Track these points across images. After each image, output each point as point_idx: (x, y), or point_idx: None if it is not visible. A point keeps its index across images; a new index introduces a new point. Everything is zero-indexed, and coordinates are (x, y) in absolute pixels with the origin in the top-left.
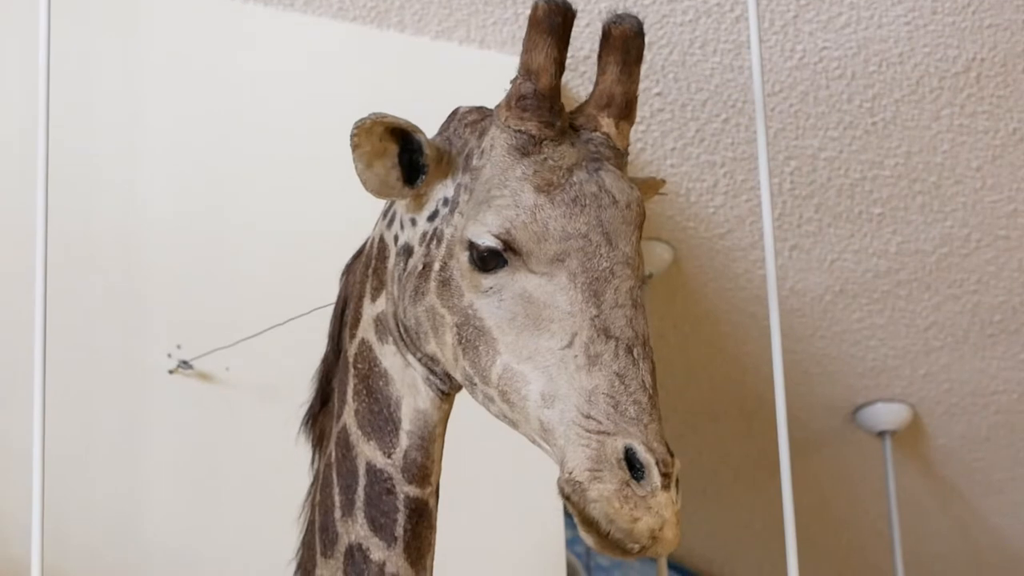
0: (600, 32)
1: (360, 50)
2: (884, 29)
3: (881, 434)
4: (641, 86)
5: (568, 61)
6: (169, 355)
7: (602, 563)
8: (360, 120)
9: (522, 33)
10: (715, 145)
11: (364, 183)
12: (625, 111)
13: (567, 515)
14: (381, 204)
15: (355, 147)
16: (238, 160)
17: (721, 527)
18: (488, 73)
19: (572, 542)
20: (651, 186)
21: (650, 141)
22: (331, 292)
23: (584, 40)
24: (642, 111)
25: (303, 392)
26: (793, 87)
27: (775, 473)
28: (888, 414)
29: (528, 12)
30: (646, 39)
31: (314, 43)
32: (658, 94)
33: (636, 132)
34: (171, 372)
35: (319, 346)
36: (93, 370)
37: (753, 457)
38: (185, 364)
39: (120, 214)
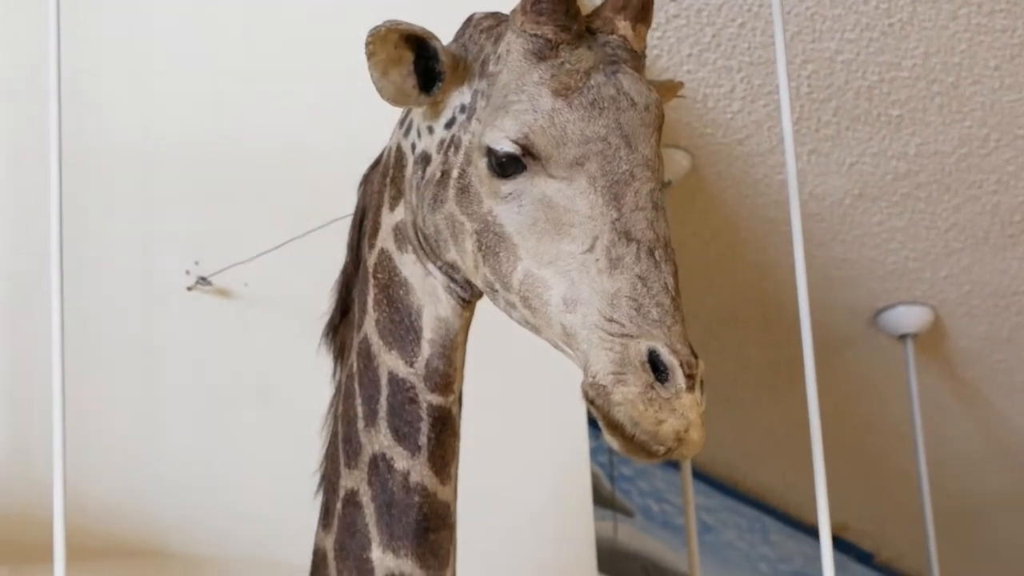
0: None
1: None
2: None
3: (903, 337)
4: None
5: None
6: (187, 272)
7: (625, 473)
8: (374, 28)
9: None
10: (731, 50)
11: (380, 91)
12: (641, 13)
13: (591, 425)
14: (397, 114)
15: (370, 55)
16: (251, 75)
17: (744, 434)
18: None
19: (595, 452)
20: (669, 88)
21: (666, 47)
22: (348, 205)
23: None
24: (657, 17)
25: (323, 306)
26: None
27: (797, 379)
28: (909, 317)
29: None
30: None
31: None
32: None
33: (652, 39)
34: (189, 289)
35: (338, 259)
36: (111, 288)
37: (775, 363)
38: (203, 280)
39: (133, 131)
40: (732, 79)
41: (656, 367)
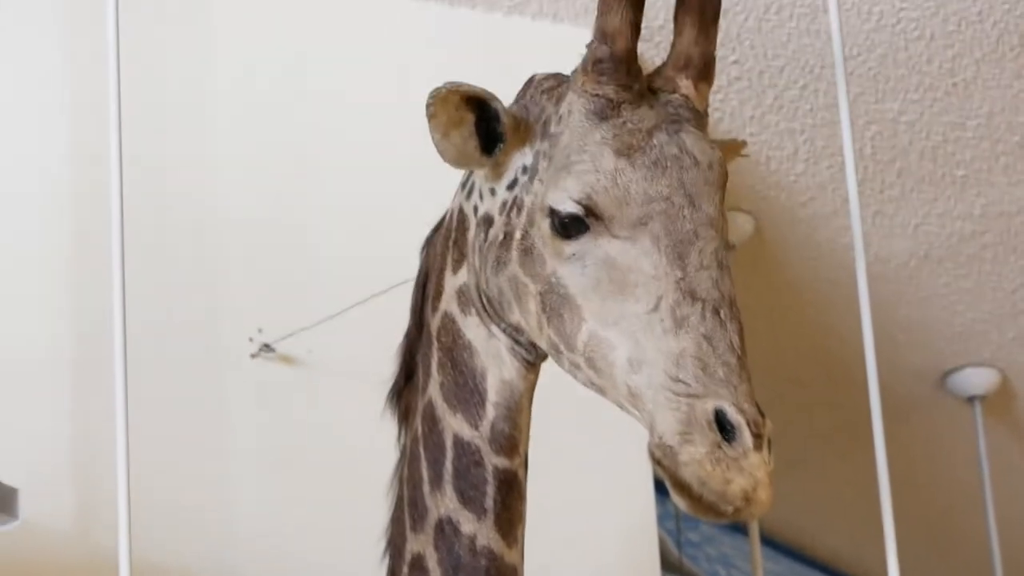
0: None
1: (432, 29)
2: None
3: (971, 399)
4: (717, 54)
5: (643, 31)
6: (251, 339)
7: (693, 539)
8: (435, 89)
9: (595, 6)
10: (794, 112)
11: (442, 153)
12: (704, 72)
13: (658, 490)
14: (458, 177)
15: (431, 117)
16: (313, 140)
17: (811, 498)
18: (563, 47)
19: (662, 518)
20: (732, 148)
21: (728, 110)
22: (410, 269)
23: (659, 9)
24: (719, 80)
25: (386, 371)
26: (871, 50)
27: (864, 442)
28: (977, 379)
29: None
30: (722, 6)
31: (386, 23)
32: (735, 62)
33: (714, 101)
34: (253, 356)
35: (401, 324)
36: (176, 358)
37: (841, 426)
38: (267, 348)
39: (196, 199)
40: (795, 141)
41: (723, 426)
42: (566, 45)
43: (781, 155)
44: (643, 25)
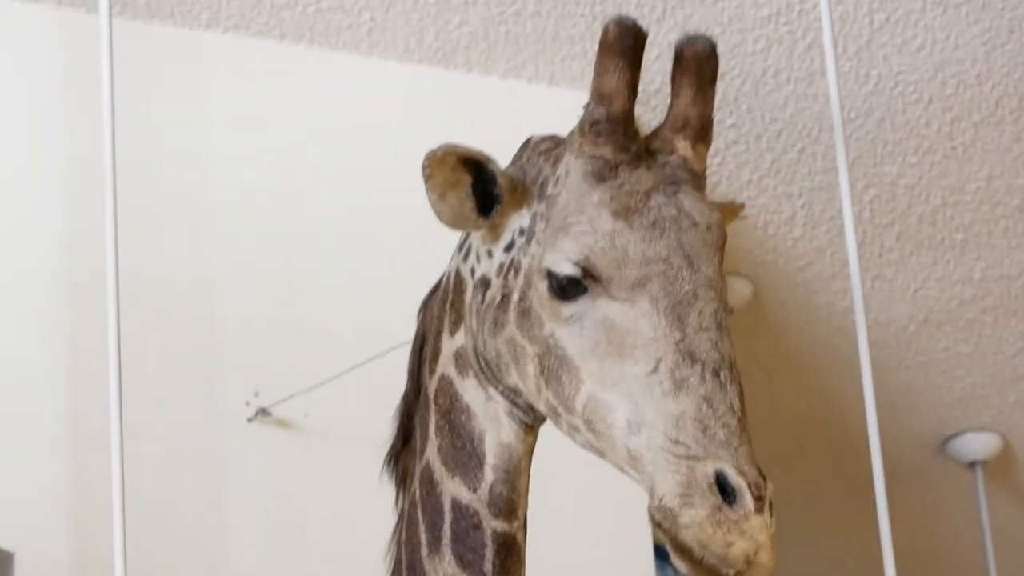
0: (672, 59)
1: (427, 92)
2: (960, 51)
3: (972, 465)
4: (715, 118)
5: (639, 95)
6: (247, 403)
7: None
8: (432, 151)
9: (591, 69)
10: (792, 176)
11: (438, 215)
12: (701, 133)
13: (658, 556)
14: (454, 241)
15: (428, 178)
16: (307, 206)
17: (813, 565)
18: (559, 110)
19: None
20: (730, 210)
21: (726, 174)
22: (407, 332)
23: (655, 73)
24: (716, 143)
25: (384, 435)
26: (869, 113)
27: (866, 508)
28: (978, 444)
29: (596, 46)
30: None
31: (381, 87)
32: (732, 125)
33: (711, 165)
34: (250, 420)
35: (398, 388)
36: (172, 422)
37: (843, 492)
38: (264, 412)
39: (192, 263)
40: (793, 205)
41: (724, 489)
42: (562, 108)
43: (779, 219)
44: (639, 88)
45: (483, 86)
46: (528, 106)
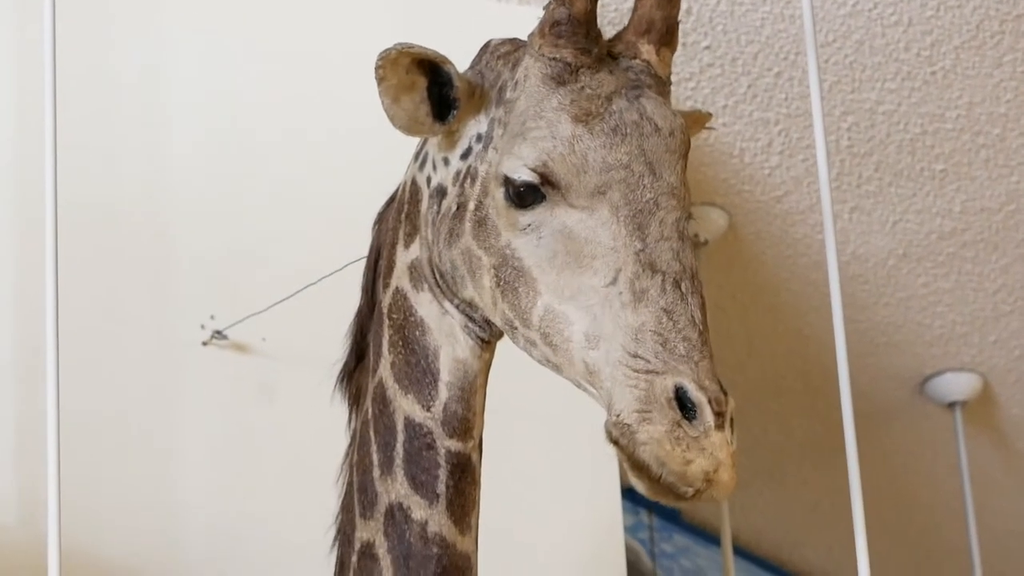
0: None
1: (393, 10)
2: None
3: (951, 405)
4: (689, 39)
5: (611, 14)
6: (203, 326)
7: (667, 550)
8: (385, 51)
9: None
10: (768, 101)
11: (392, 119)
12: (666, 37)
13: (626, 498)
14: (412, 150)
15: (380, 80)
16: (265, 127)
17: (788, 509)
18: (528, 29)
19: (635, 528)
20: (697, 119)
21: (700, 98)
22: (364, 248)
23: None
24: (691, 66)
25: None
26: (847, 36)
27: (842, 450)
28: (958, 384)
29: None
30: None
31: (344, 3)
32: (707, 47)
33: (685, 89)
34: (205, 344)
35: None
36: (126, 344)
37: (819, 434)
38: (219, 334)
39: (145, 186)
40: (769, 132)
41: (683, 404)
42: (532, 26)
43: (755, 147)
44: (613, 8)
45: (451, 4)
46: (497, 24)
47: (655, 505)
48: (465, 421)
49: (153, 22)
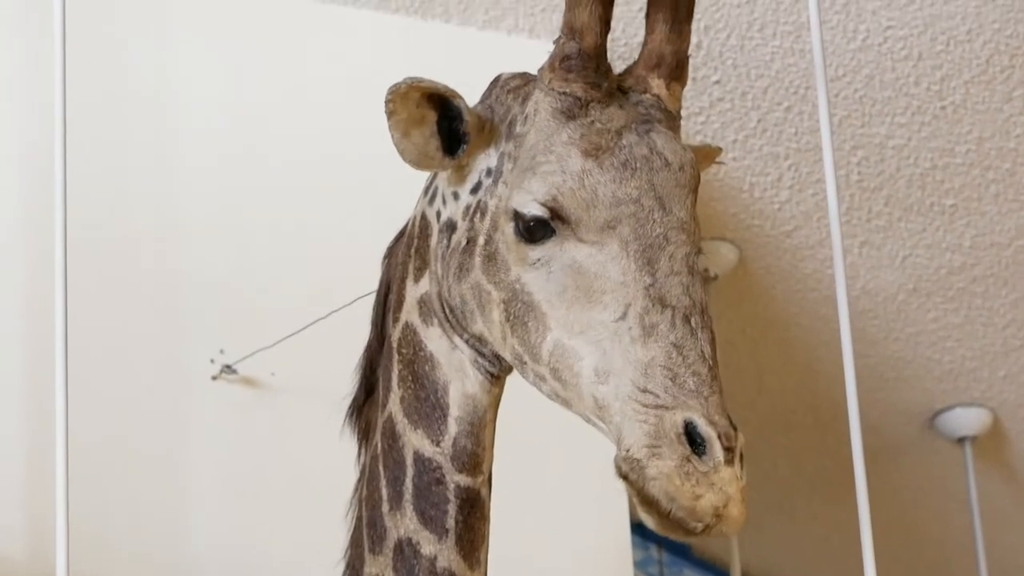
0: None
1: (404, 42)
2: (951, 5)
3: (961, 440)
4: (699, 74)
5: (623, 48)
6: (212, 360)
7: None
8: (395, 85)
9: None
10: (778, 136)
11: (402, 153)
12: (676, 71)
13: (635, 532)
14: (422, 186)
15: (390, 114)
16: (275, 159)
17: (798, 544)
18: (539, 62)
19: (644, 563)
20: (707, 154)
21: (710, 133)
22: (374, 283)
23: (638, 26)
24: (700, 101)
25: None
26: (857, 70)
27: (852, 485)
28: (967, 419)
29: None
30: (702, 23)
31: (356, 37)
32: (717, 82)
33: (695, 124)
34: (214, 378)
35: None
36: (135, 378)
37: (829, 468)
38: (229, 369)
39: (155, 218)
40: (779, 167)
41: (693, 440)
42: (541, 61)
43: (765, 181)
44: (623, 43)
45: (462, 37)
46: (507, 58)
47: (665, 540)
48: (475, 456)
49: (165, 47)
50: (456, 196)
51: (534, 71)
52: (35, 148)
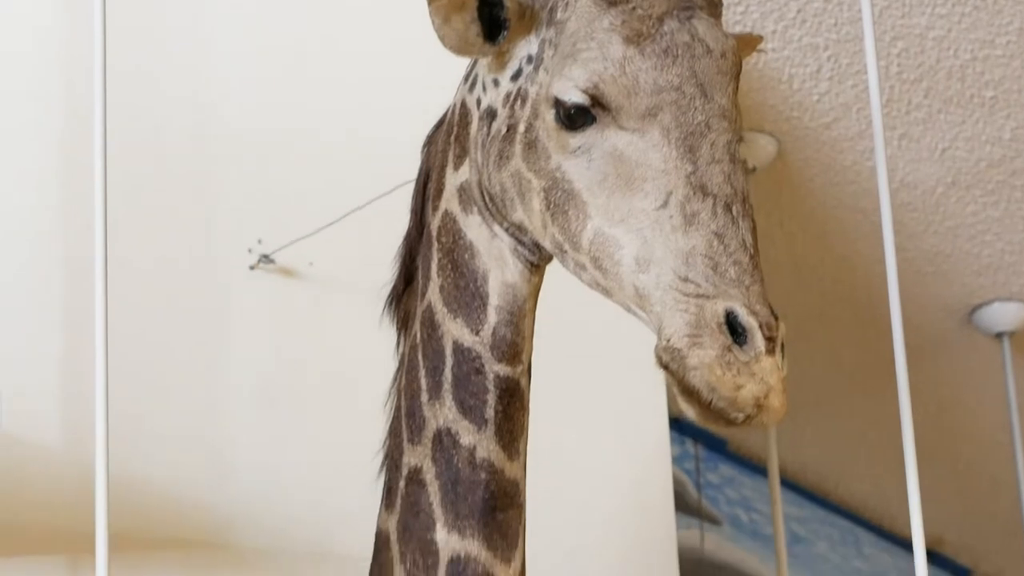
0: None
1: None
2: None
3: (999, 335)
4: None
5: None
6: (250, 250)
7: (712, 480)
8: None
9: None
10: (818, 27)
11: (442, 39)
12: None
13: (672, 428)
14: (461, 75)
15: (431, 1)
16: (309, 49)
17: (834, 440)
18: None
19: (681, 458)
20: (748, 42)
21: (749, 23)
22: (413, 170)
23: None
24: None
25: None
26: None
27: (889, 381)
28: (1006, 314)
29: None
30: None
31: None
32: None
33: (735, 14)
34: (252, 268)
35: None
36: (173, 268)
37: (867, 364)
38: (266, 259)
39: (193, 108)
40: (819, 58)
41: (734, 329)
42: None
43: (804, 72)
44: None
45: None
46: None
47: (701, 435)
48: (514, 345)
49: None
50: (496, 83)
51: None
52: (74, 52)
